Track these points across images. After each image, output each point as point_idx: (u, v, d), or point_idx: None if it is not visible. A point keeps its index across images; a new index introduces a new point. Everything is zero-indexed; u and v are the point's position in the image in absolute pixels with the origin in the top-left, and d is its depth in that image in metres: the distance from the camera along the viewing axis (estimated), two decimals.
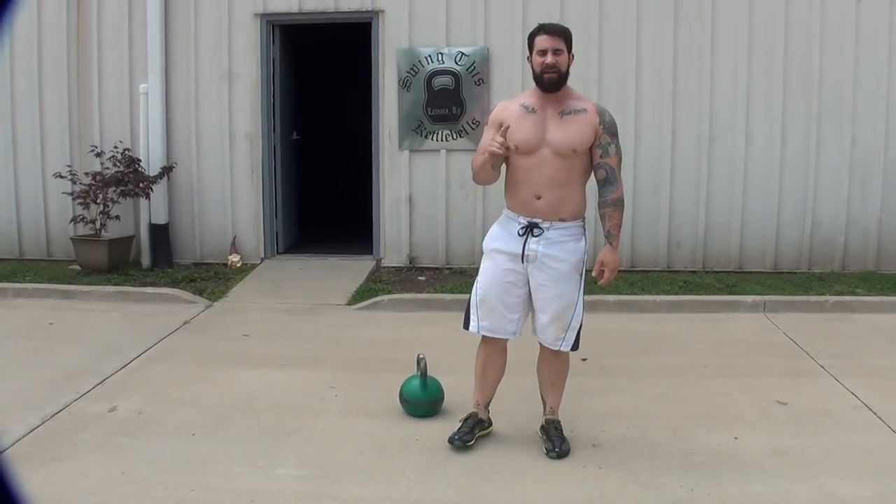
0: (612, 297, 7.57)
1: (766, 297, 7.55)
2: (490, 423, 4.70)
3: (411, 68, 8.85)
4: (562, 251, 4.27)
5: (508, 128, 4.16)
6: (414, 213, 9.05)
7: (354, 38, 9.71)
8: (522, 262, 4.30)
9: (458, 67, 8.72)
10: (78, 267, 8.78)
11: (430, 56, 8.80)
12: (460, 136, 8.81)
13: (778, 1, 8.52)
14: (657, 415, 5.00)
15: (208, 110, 9.16)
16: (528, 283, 4.35)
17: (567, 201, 4.27)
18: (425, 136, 8.89)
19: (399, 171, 9.02)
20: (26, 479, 4.10)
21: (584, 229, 4.36)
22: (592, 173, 4.38)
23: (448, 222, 8.88)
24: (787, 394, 5.31)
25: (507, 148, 4.15)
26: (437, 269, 8.92)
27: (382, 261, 9.16)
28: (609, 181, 4.31)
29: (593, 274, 4.33)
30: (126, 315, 7.35)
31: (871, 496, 3.98)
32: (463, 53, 8.69)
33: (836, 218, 8.75)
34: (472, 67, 8.71)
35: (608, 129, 4.26)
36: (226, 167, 9.21)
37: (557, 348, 4.42)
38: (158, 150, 8.96)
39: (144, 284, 8.20)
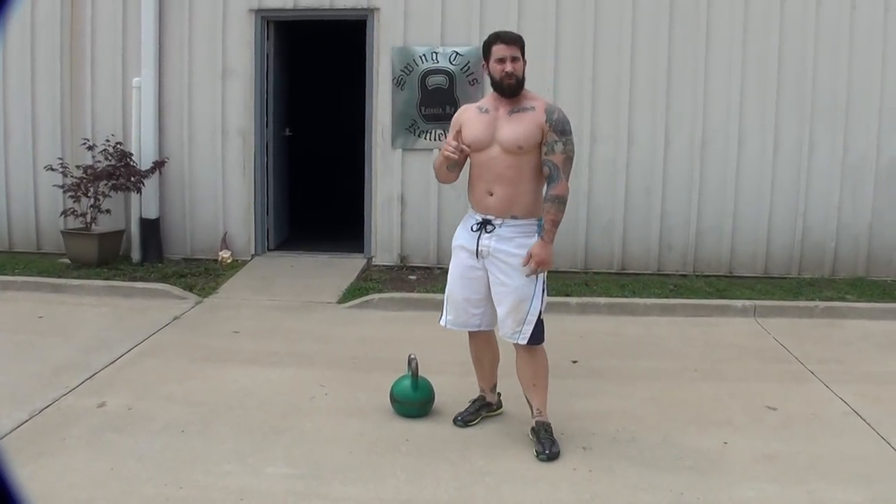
0: (602, 300, 7.59)
1: (757, 302, 7.57)
2: (500, 406, 4.92)
3: (405, 67, 8.84)
4: (514, 246, 4.40)
5: (459, 132, 4.46)
6: (406, 212, 9.04)
7: (349, 35, 9.69)
8: (478, 257, 4.46)
9: (452, 67, 8.72)
10: (68, 260, 8.75)
11: (424, 55, 8.79)
12: None
13: (773, 5, 8.54)
14: (647, 418, 5.00)
15: (201, 105, 9.13)
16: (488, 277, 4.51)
17: (518, 198, 4.40)
18: (419, 135, 8.88)
19: (392, 170, 9.01)
20: (14, 475, 4.08)
21: (541, 227, 4.40)
22: None
23: (440, 222, 8.86)
24: (777, 399, 5.32)
25: (461, 151, 4.36)
26: (428, 268, 8.92)
27: (373, 259, 9.15)
28: (552, 178, 4.37)
29: (521, 264, 4.35)
30: (116, 310, 7.32)
31: (860, 502, 3.99)
32: (457, 53, 8.68)
33: (827, 223, 8.77)
34: (467, 67, 8.70)
35: (554, 126, 4.34)
36: (218, 163, 9.19)
37: (515, 341, 4.51)
38: (150, 145, 8.93)
39: (134, 279, 8.16)
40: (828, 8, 8.51)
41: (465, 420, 4.77)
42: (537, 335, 4.48)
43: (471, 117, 4.50)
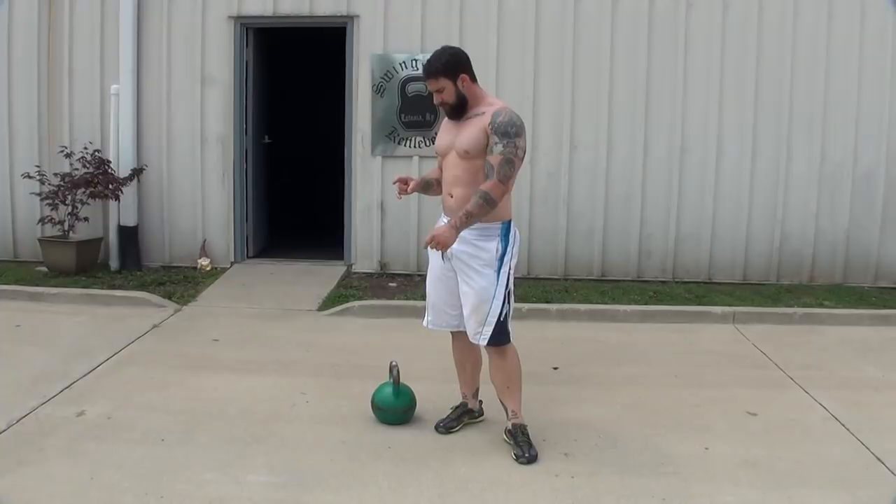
0: (583, 307, 7.61)
1: (736, 309, 7.60)
2: (481, 413, 4.91)
3: (385, 74, 8.84)
4: (474, 249, 4.45)
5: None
6: (386, 220, 9.03)
7: (329, 42, 9.68)
8: (443, 259, 4.54)
9: None
10: (45, 269, 8.69)
11: (404, 62, 8.79)
12: (433, 143, 8.77)
13: (750, 15, 8.60)
14: (628, 424, 5.01)
15: (180, 112, 9.09)
16: None
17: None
18: (398, 143, 8.88)
19: (371, 177, 9.00)
20: None
21: (505, 232, 4.46)
22: None
23: (420, 229, 8.84)
24: (757, 405, 5.34)
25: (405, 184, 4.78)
26: (408, 275, 8.91)
27: (353, 266, 9.13)
28: (487, 175, 4.38)
29: (424, 240, 4.35)
30: (94, 318, 7.27)
31: None
32: None
33: (804, 231, 8.83)
34: None
35: (496, 129, 4.34)
36: (197, 170, 9.15)
37: (476, 342, 4.55)
38: (129, 152, 8.89)
39: (113, 287, 8.11)
40: (805, 18, 8.59)
41: (446, 427, 4.78)
42: (498, 336, 4.49)
43: (442, 126, 4.69)
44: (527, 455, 4.44)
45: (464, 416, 4.87)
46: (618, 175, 8.82)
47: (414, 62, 8.74)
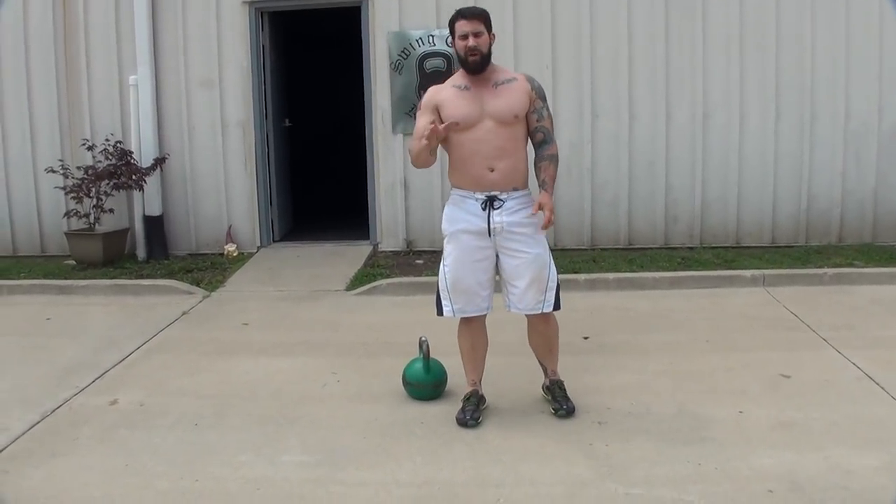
0: (611, 276, 7.57)
1: (765, 271, 7.53)
2: (485, 399, 4.78)
3: (402, 51, 8.80)
4: (524, 217, 4.42)
5: (432, 125, 4.23)
6: (409, 197, 9.02)
7: (344, 22, 9.65)
8: (490, 236, 4.43)
9: (449, 49, 8.65)
10: (73, 262, 8.74)
11: (420, 38, 8.75)
12: None
13: None
14: (661, 391, 4.98)
15: (199, 99, 9.10)
16: (496, 257, 4.51)
17: (517, 169, 4.43)
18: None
19: (393, 155, 8.98)
20: (28, 476, 4.09)
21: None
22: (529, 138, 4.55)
23: (443, 205, 8.77)
24: (790, 367, 5.30)
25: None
26: (434, 251, 8.87)
27: (379, 245, 9.13)
28: (546, 141, 4.48)
29: (533, 211, 4.34)
30: (123, 308, 7.32)
31: (877, 466, 3.96)
32: None
33: (831, 191, 8.73)
34: None
35: (539, 93, 4.46)
36: (219, 156, 9.17)
37: (540, 311, 4.53)
38: (150, 142, 8.91)
39: (141, 277, 8.15)
40: None
41: (475, 419, 4.55)
42: (559, 300, 4.56)
43: (450, 96, 4.43)
44: (565, 407, 4.54)
45: (480, 404, 4.67)
46: (641, 142, 8.74)
47: (430, 38, 8.70)
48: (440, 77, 8.55)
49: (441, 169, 8.63)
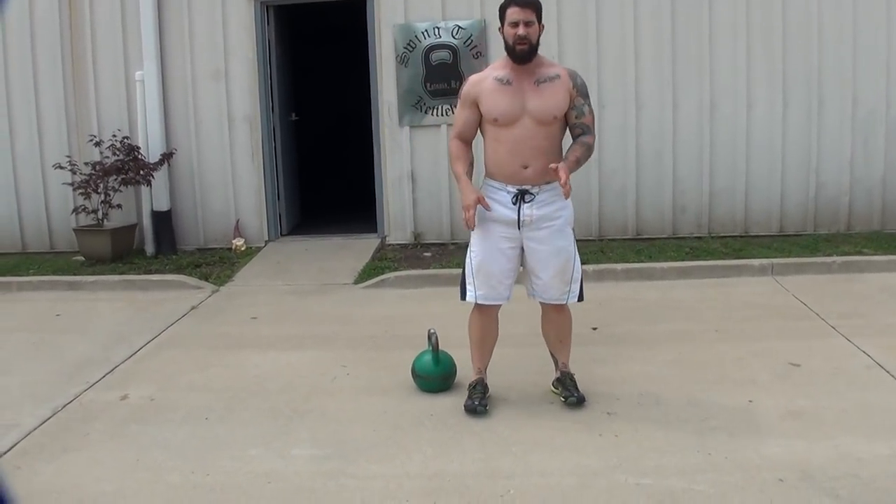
0: (619, 266, 7.57)
1: (774, 260, 7.52)
2: (489, 388, 4.78)
3: (408, 44, 8.79)
4: (554, 209, 4.45)
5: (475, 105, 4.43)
6: (417, 190, 9.02)
7: (350, 15, 9.64)
8: (518, 227, 4.43)
9: (455, 41, 8.66)
10: (82, 258, 8.76)
11: (426, 31, 8.74)
12: None
13: None
14: (670, 381, 4.98)
15: (206, 94, 9.11)
16: (521, 247, 4.51)
17: (552, 164, 4.35)
18: (425, 112, 8.84)
19: (400, 148, 8.97)
20: (39, 472, 4.11)
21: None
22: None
23: (451, 197, 8.82)
24: (799, 355, 5.29)
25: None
26: (442, 244, 8.90)
27: (387, 238, 9.13)
28: (583, 134, 4.48)
29: (550, 166, 4.22)
30: (132, 303, 7.33)
31: (888, 454, 3.95)
32: (459, 27, 8.63)
33: (840, 179, 8.70)
34: (470, 40, 8.65)
35: (580, 91, 4.44)
36: (226, 151, 9.18)
37: (564, 301, 4.59)
38: (157, 137, 8.92)
39: (149, 272, 8.17)
40: None
41: (484, 406, 4.57)
42: (582, 292, 4.62)
43: (490, 89, 4.39)
44: (575, 395, 4.55)
45: (485, 392, 4.69)
46: (648, 132, 8.73)
47: (436, 30, 8.68)
48: (446, 69, 8.61)
49: (448, 162, 8.65)
